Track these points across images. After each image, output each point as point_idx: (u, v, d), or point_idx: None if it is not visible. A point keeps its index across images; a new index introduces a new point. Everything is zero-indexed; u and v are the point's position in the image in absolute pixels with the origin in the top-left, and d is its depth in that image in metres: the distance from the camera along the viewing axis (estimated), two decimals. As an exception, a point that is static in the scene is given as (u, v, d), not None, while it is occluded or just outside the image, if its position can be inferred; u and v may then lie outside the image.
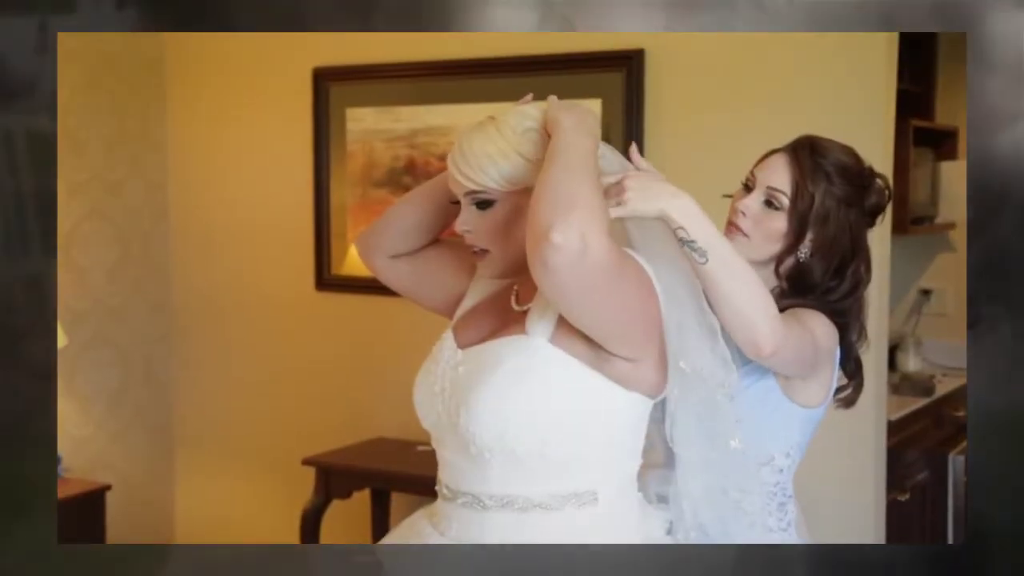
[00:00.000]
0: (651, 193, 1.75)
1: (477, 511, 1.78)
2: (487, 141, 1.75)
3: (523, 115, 1.77)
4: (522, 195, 1.74)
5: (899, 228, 3.96)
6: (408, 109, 3.89)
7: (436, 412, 1.83)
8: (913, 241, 4.54)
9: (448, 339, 1.89)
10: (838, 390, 2.07)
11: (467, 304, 1.98)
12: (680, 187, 1.79)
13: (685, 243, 1.74)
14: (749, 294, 1.77)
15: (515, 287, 1.89)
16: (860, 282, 2.02)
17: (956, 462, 4.01)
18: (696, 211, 1.76)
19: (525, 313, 1.81)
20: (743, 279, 1.77)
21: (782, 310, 1.91)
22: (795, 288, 1.99)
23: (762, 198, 2.01)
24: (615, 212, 1.74)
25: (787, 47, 3.30)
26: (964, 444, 4.18)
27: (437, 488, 1.88)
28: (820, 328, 1.93)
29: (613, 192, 1.75)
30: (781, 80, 3.33)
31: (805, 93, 3.30)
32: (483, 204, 1.77)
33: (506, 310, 1.87)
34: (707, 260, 1.74)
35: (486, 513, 1.77)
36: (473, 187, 1.76)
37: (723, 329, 1.78)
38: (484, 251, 1.80)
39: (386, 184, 3.96)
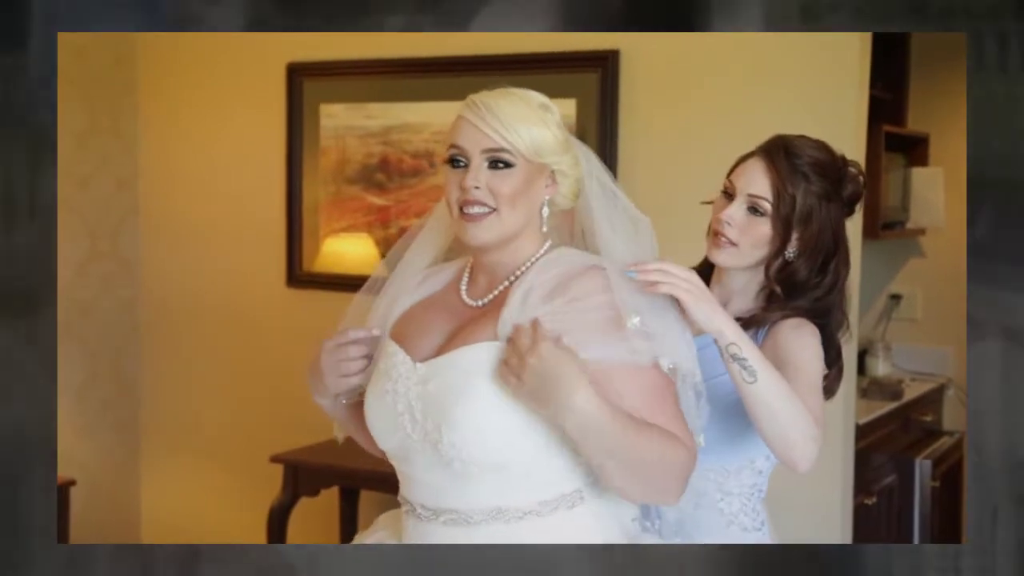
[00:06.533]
0: (707, 306, 1.78)
1: (463, 527, 1.74)
2: (518, 105, 1.76)
3: (535, 94, 1.80)
4: (535, 168, 1.76)
5: (870, 233, 3.97)
6: (382, 106, 3.88)
7: (403, 432, 1.76)
8: (883, 246, 4.57)
9: (398, 354, 1.81)
10: None
11: (398, 311, 1.90)
12: (656, 187, 1.79)
13: (736, 359, 1.78)
14: (792, 414, 1.81)
15: (462, 281, 1.85)
16: (840, 275, 2.06)
17: (923, 466, 4.03)
18: (742, 331, 1.81)
19: (484, 311, 1.77)
20: (788, 399, 1.81)
21: (774, 319, 1.98)
22: (786, 290, 2.02)
23: (744, 206, 2.03)
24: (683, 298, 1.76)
25: (761, 50, 3.31)
26: (931, 448, 4.21)
27: (406, 509, 1.82)
28: (813, 363, 1.96)
29: (664, 287, 1.75)
30: (755, 84, 3.34)
31: (778, 97, 3.31)
32: (500, 164, 1.74)
33: (455, 308, 1.83)
34: (756, 380, 1.78)
35: (473, 528, 1.73)
36: (502, 144, 1.73)
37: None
38: (485, 214, 1.75)
39: (359, 181, 3.94)
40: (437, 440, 1.71)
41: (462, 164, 1.76)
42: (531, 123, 1.74)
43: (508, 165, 1.74)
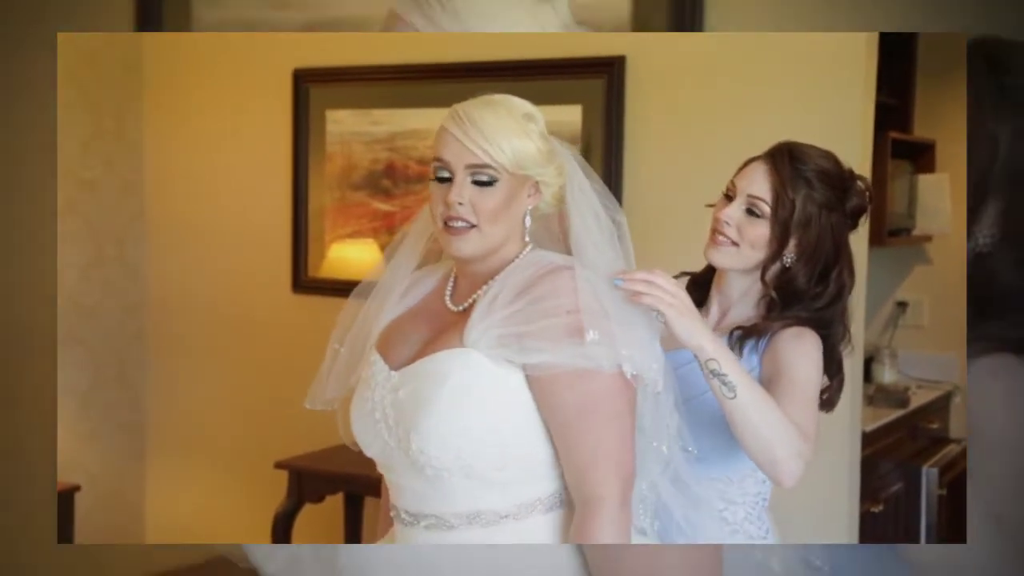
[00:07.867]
0: (688, 322, 1.77)
1: (443, 531, 1.75)
2: (502, 117, 1.73)
3: (519, 103, 1.78)
4: (518, 181, 1.74)
5: (876, 240, 3.96)
6: (388, 112, 3.88)
7: (381, 440, 1.79)
8: (890, 253, 4.56)
9: (378, 362, 1.84)
10: (820, 392, 2.07)
11: (385, 320, 1.91)
12: (662, 194, 1.78)
13: (716, 375, 1.78)
14: (776, 431, 1.80)
15: (448, 287, 1.85)
16: (844, 287, 2.05)
17: (930, 474, 4.02)
18: (724, 346, 1.81)
19: (460, 317, 1.77)
20: (771, 414, 1.81)
21: (775, 329, 1.96)
22: (784, 297, 2.01)
23: (744, 206, 2.02)
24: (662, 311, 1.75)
25: (767, 56, 3.30)
26: (937, 456, 4.20)
27: (393, 514, 1.84)
28: (811, 374, 1.95)
29: (645, 300, 1.74)
30: (761, 90, 3.33)
31: (785, 103, 3.30)
32: (484, 180, 1.73)
33: (437, 314, 1.83)
34: (735, 395, 1.78)
35: (453, 532, 1.74)
36: (486, 160, 1.72)
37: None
38: (467, 229, 1.74)
39: (365, 187, 3.94)
40: (407, 447, 1.72)
41: (447, 177, 1.75)
42: (514, 136, 1.72)
43: (491, 181, 1.73)
